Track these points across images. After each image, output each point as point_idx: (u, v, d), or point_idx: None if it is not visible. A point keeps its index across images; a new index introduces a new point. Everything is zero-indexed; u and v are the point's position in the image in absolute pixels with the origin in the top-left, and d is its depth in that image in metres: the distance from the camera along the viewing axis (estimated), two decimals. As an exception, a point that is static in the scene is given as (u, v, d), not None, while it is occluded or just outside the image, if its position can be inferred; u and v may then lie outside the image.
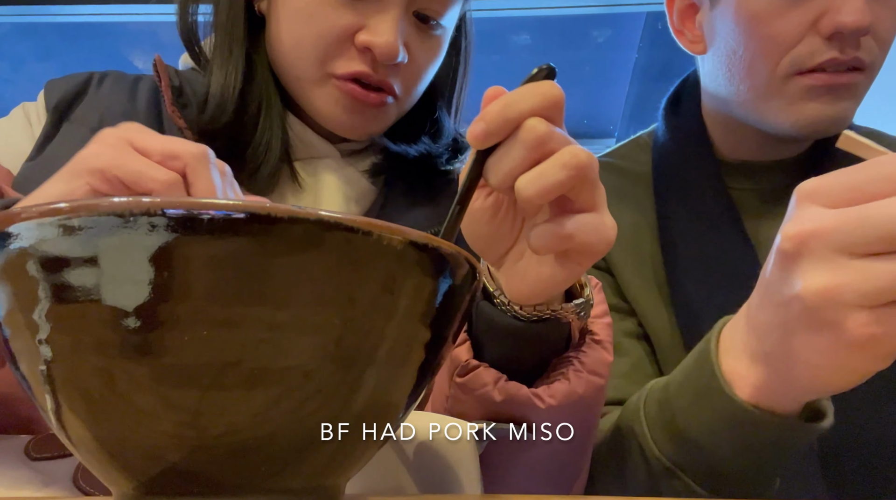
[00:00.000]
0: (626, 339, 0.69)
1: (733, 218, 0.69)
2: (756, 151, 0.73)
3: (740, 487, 0.47)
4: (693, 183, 0.73)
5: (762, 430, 0.43)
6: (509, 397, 0.44)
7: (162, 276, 0.22)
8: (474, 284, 0.30)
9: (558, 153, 0.35)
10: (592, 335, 0.48)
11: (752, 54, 0.65)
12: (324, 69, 0.60)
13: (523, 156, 0.35)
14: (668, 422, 0.49)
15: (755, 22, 0.64)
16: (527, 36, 2.51)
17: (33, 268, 0.23)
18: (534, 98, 0.35)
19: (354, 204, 0.66)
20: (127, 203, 0.22)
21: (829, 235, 0.34)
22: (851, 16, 0.59)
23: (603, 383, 0.47)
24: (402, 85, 0.63)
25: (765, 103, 0.67)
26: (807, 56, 0.62)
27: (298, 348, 0.24)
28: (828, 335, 0.35)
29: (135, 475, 0.26)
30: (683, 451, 0.47)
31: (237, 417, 0.24)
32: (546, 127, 0.34)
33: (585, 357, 0.46)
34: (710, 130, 0.75)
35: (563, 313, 0.44)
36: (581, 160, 0.34)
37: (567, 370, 0.45)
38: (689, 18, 0.74)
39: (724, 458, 0.46)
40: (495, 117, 0.34)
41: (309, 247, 0.23)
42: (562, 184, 0.34)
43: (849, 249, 0.33)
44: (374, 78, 0.60)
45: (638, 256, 0.72)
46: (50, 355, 0.24)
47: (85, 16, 2.35)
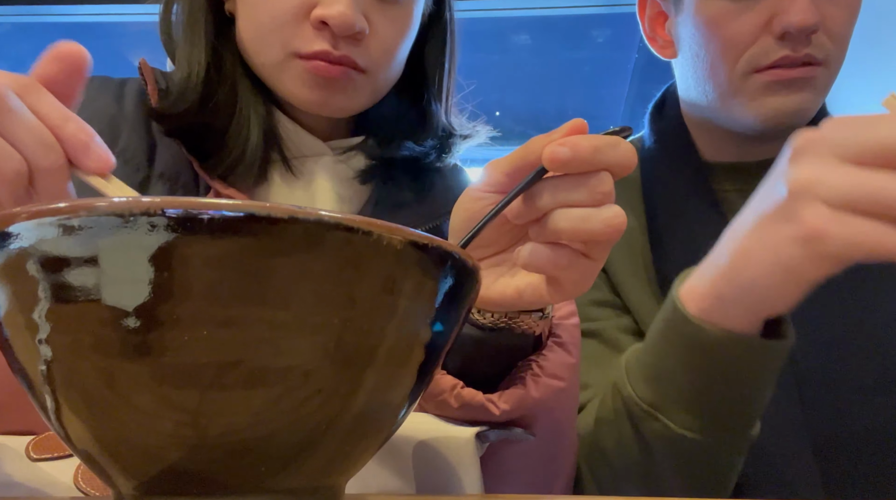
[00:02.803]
0: (624, 335, 0.70)
1: (719, 218, 0.70)
2: (737, 152, 0.75)
3: (718, 422, 0.48)
4: (679, 186, 0.74)
5: (721, 349, 0.45)
6: (464, 403, 0.45)
7: (162, 276, 0.22)
8: (475, 284, 0.30)
9: (607, 209, 0.36)
10: (556, 338, 0.49)
11: (712, 56, 0.69)
12: (285, 51, 0.59)
13: (581, 200, 0.36)
14: (643, 365, 0.51)
15: (712, 26, 0.68)
16: (527, 36, 2.51)
17: (33, 268, 0.23)
18: (617, 156, 0.36)
19: (347, 204, 0.66)
20: (127, 203, 0.22)
21: (832, 138, 0.37)
22: (798, 16, 0.63)
23: (564, 386, 0.48)
24: (370, 58, 0.61)
25: (729, 102, 0.70)
26: (761, 55, 0.66)
27: (298, 348, 0.24)
28: (783, 226, 0.39)
29: (135, 475, 0.26)
30: (657, 390, 0.50)
31: (237, 417, 0.24)
32: (611, 187, 0.37)
33: (545, 361, 0.47)
34: (692, 133, 0.77)
35: (518, 323, 0.45)
36: (620, 227, 0.36)
37: (525, 375, 0.47)
38: (660, 25, 0.78)
39: (695, 390, 0.47)
40: (584, 157, 0.36)
41: (309, 247, 0.23)
42: (594, 235, 0.36)
43: (844, 153, 0.36)
44: (335, 54, 0.59)
45: (630, 256, 0.73)
46: (50, 355, 0.24)
47: (85, 16, 2.35)
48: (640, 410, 0.51)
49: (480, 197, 0.41)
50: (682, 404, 0.48)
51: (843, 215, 0.36)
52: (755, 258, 0.41)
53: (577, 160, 0.36)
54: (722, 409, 0.48)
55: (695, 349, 0.46)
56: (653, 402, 0.50)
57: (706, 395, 0.47)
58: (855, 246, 0.35)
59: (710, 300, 0.45)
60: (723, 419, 0.48)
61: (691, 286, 0.47)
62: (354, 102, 0.63)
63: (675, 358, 0.48)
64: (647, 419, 0.50)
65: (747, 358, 0.45)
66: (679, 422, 0.48)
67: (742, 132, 0.72)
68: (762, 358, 0.45)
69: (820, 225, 0.36)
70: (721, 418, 0.48)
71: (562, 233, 0.37)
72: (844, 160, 0.36)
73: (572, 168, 0.36)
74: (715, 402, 0.47)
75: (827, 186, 0.36)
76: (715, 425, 0.48)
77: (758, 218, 0.41)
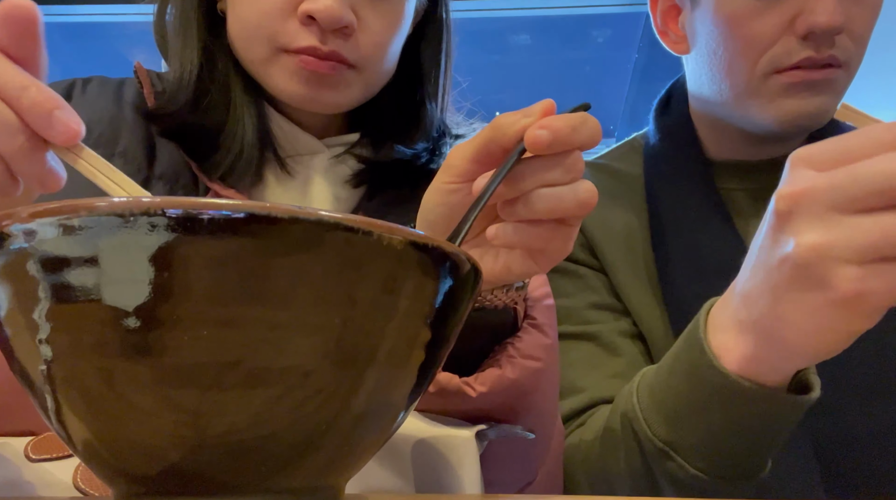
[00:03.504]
0: (622, 338, 0.70)
1: (724, 217, 0.70)
2: (744, 150, 0.74)
3: (732, 467, 0.47)
4: (683, 183, 0.74)
5: (751, 403, 0.44)
6: (440, 388, 0.45)
7: (162, 276, 0.22)
8: (476, 284, 0.30)
9: (579, 185, 0.38)
10: (531, 320, 0.49)
11: (731, 55, 0.67)
12: (273, 46, 0.59)
13: (558, 179, 0.38)
14: (659, 403, 0.49)
15: (733, 23, 0.66)
16: (527, 36, 2.51)
17: (33, 268, 0.23)
18: (588, 133, 0.38)
19: (344, 204, 0.66)
20: (127, 203, 0.22)
21: (821, 193, 0.35)
22: (824, 16, 0.62)
23: (540, 367, 0.48)
24: (360, 54, 0.60)
25: (746, 102, 0.68)
26: (784, 55, 0.65)
27: (298, 348, 0.24)
28: (816, 294, 0.36)
29: (135, 475, 0.26)
30: (675, 430, 0.48)
31: (237, 417, 0.24)
32: (583, 164, 0.39)
33: (521, 343, 0.47)
34: (698, 130, 0.76)
35: (491, 299, 0.45)
36: (592, 201, 0.38)
37: (501, 357, 0.47)
38: (672, 20, 0.76)
39: (714, 435, 0.46)
40: (563, 138, 0.37)
41: (309, 247, 0.23)
42: (569, 212, 0.38)
43: (840, 206, 0.34)
44: (324, 50, 0.58)
45: (631, 256, 0.73)
46: (50, 355, 0.24)
47: (85, 16, 2.35)
48: (653, 447, 0.49)
49: (454, 189, 0.41)
50: (700, 447, 0.47)
51: (874, 268, 0.34)
52: (796, 326, 0.39)
53: (557, 142, 0.37)
54: (740, 454, 0.47)
55: (722, 400, 0.44)
56: (668, 441, 0.48)
57: (726, 441, 0.46)
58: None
59: (750, 362, 0.43)
60: (740, 463, 0.47)
61: (725, 346, 0.44)
62: (345, 97, 0.62)
63: (699, 405, 0.46)
64: (661, 458, 0.49)
65: (774, 410, 0.44)
66: (695, 464, 0.47)
67: (754, 132, 0.71)
68: (791, 412, 0.44)
69: (857, 287, 0.34)
70: (738, 462, 0.47)
71: (540, 212, 0.38)
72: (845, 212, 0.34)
73: (553, 149, 0.37)
74: (734, 448, 0.46)
75: (844, 246, 0.34)
76: (731, 468, 0.47)
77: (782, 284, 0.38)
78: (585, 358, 0.67)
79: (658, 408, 0.50)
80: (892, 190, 0.33)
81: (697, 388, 0.46)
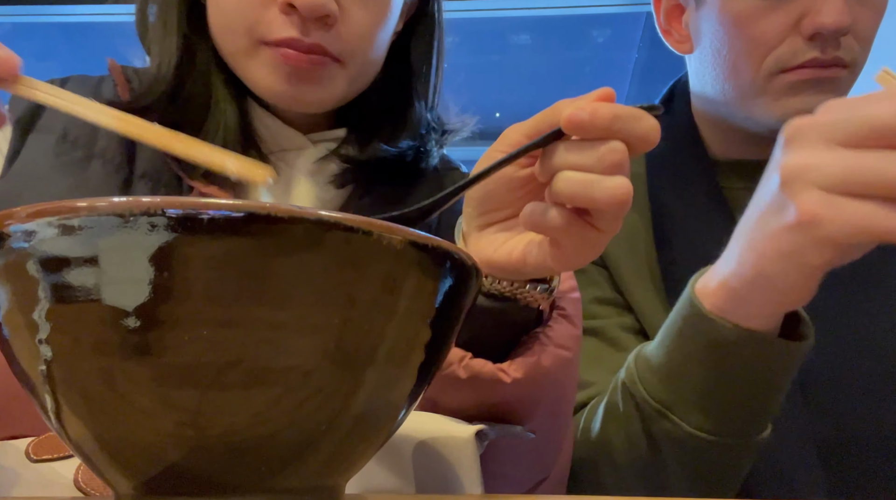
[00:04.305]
0: (625, 333, 0.70)
1: (726, 216, 0.70)
2: (747, 149, 0.74)
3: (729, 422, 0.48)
4: (686, 182, 0.74)
5: (741, 347, 0.44)
6: (474, 374, 0.44)
7: (162, 276, 0.22)
8: (476, 283, 0.30)
9: (613, 179, 0.36)
10: (560, 310, 0.48)
11: (736, 54, 0.67)
12: (252, 38, 0.56)
13: (588, 165, 0.36)
14: (655, 366, 0.50)
15: (738, 23, 0.66)
16: (527, 36, 2.51)
17: (33, 268, 0.23)
18: (638, 128, 0.36)
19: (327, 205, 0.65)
20: (127, 203, 0.22)
21: (821, 123, 0.37)
22: (831, 17, 0.61)
23: (571, 357, 0.47)
24: (344, 46, 0.58)
25: (750, 101, 0.68)
26: (789, 56, 0.64)
27: (298, 348, 0.24)
28: (779, 216, 0.38)
29: (135, 475, 0.26)
30: (670, 389, 0.49)
31: (237, 417, 0.24)
32: (623, 157, 0.36)
33: (552, 331, 0.47)
34: (701, 129, 0.76)
35: (524, 295, 0.44)
36: (622, 198, 0.36)
37: (533, 345, 0.46)
38: (676, 19, 0.76)
39: (709, 390, 0.47)
40: (601, 122, 0.35)
41: (309, 247, 0.23)
42: (595, 203, 0.36)
43: (835, 137, 0.36)
44: (306, 42, 0.55)
45: (634, 253, 0.73)
46: (50, 355, 0.24)
47: (85, 16, 2.35)
48: (650, 408, 0.50)
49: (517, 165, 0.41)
50: (695, 403, 0.48)
51: (838, 199, 0.35)
52: (759, 250, 0.41)
53: (593, 125, 0.35)
54: (735, 409, 0.47)
55: (710, 347, 0.46)
56: (664, 400, 0.49)
57: (720, 394, 0.47)
58: (852, 228, 0.35)
59: (723, 296, 0.45)
60: (735, 419, 0.48)
61: (705, 282, 0.47)
62: (329, 93, 0.60)
63: (690, 356, 0.47)
64: (658, 418, 0.50)
65: (763, 357, 0.45)
66: (691, 422, 0.48)
67: (757, 131, 0.71)
68: (779, 358, 0.45)
69: (813, 210, 0.36)
70: (733, 418, 0.47)
71: (561, 194, 0.36)
72: (836, 143, 0.36)
73: (588, 132, 0.36)
74: (728, 402, 0.47)
75: (818, 170, 0.36)
76: (727, 425, 0.48)
77: (758, 210, 0.41)
78: (590, 353, 0.67)
79: (653, 368, 0.51)
80: (885, 129, 0.34)
81: (687, 339, 0.47)
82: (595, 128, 0.35)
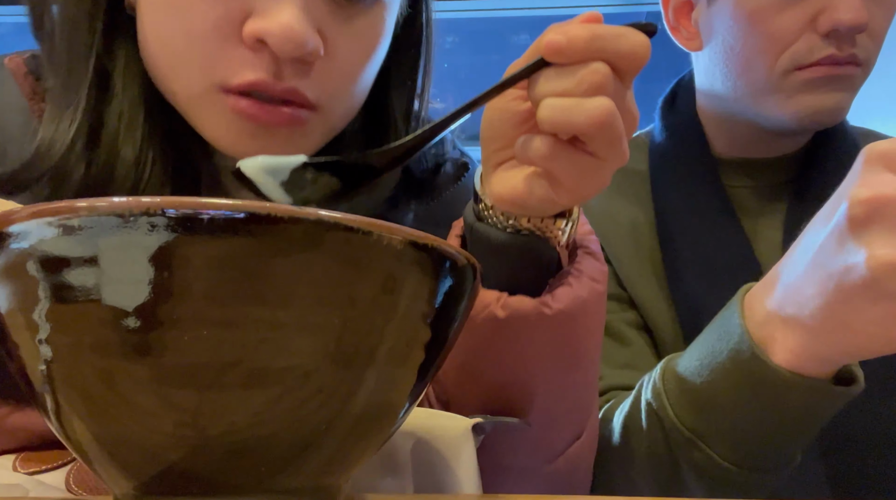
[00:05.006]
0: (630, 329, 0.70)
1: (729, 214, 0.70)
2: (752, 147, 0.74)
3: (761, 458, 0.46)
4: (689, 180, 0.74)
5: (793, 394, 0.42)
6: (514, 311, 0.42)
7: (162, 276, 0.22)
8: (475, 283, 0.30)
9: (592, 100, 0.34)
10: (585, 248, 0.47)
11: (750, 51, 0.67)
12: (208, 80, 0.44)
13: (567, 89, 0.34)
14: (690, 391, 0.48)
15: (754, 19, 0.65)
16: (527, 36, 2.51)
17: (33, 268, 0.23)
18: (622, 45, 0.34)
19: None
20: (127, 203, 0.22)
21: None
22: (849, 14, 0.61)
23: (602, 290, 0.46)
24: (324, 90, 0.46)
25: (763, 98, 0.68)
26: (805, 53, 0.64)
27: (298, 348, 0.24)
28: (886, 305, 0.35)
29: (135, 476, 0.26)
30: (705, 419, 0.47)
31: (237, 417, 0.24)
32: (604, 78, 0.34)
33: (581, 266, 0.45)
34: (706, 127, 0.76)
35: (543, 229, 0.43)
36: (601, 118, 0.34)
37: (566, 278, 0.44)
38: (685, 15, 0.75)
39: (748, 425, 0.45)
40: (579, 43, 0.34)
41: (309, 247, 0.23)
42: (576, 127, 0.34)
43: None
44: (277, 87, 0.43)
45: (637, 250, 0.73)
46: (50, 355, 0.24)
47: (85, 16, 2.34)
48: (680, 436, 0.48)
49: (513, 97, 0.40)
50: (730, 437, 0.46)
51: None
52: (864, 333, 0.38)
53: (571, 48, 0.34)
54: (770, 445, 0.46)
55: (758, 385, 0.43)
56: (696, 430, 0.47)
57: (758, 432, 0.45)
58: None
59: (799, 357, 0.42)
60: (769, 454, 0.46)
61: (771, 337, 0.43)
62: (302, 150, 0.45)
63: (735, 394, 0.45)
64: (688, 447, 0.48)
65: (815, 401, 0.43)
66: (722, 453, 0.46)
67: (766, 128, 0.71)
68: (831, 402, 0.43)
69: None
70: (767, 453, 0.46)
71: (544, 122, 0.35)
72: None
73: (568, 56, 0.34)
74: (765, 438, 0.45)
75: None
76: (760, 460, 0.46)
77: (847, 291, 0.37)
78: None
79: (687, 396, 0.48)
80: None
81: (738, 378, 0.44)
82: (574, 50, 0.34)
